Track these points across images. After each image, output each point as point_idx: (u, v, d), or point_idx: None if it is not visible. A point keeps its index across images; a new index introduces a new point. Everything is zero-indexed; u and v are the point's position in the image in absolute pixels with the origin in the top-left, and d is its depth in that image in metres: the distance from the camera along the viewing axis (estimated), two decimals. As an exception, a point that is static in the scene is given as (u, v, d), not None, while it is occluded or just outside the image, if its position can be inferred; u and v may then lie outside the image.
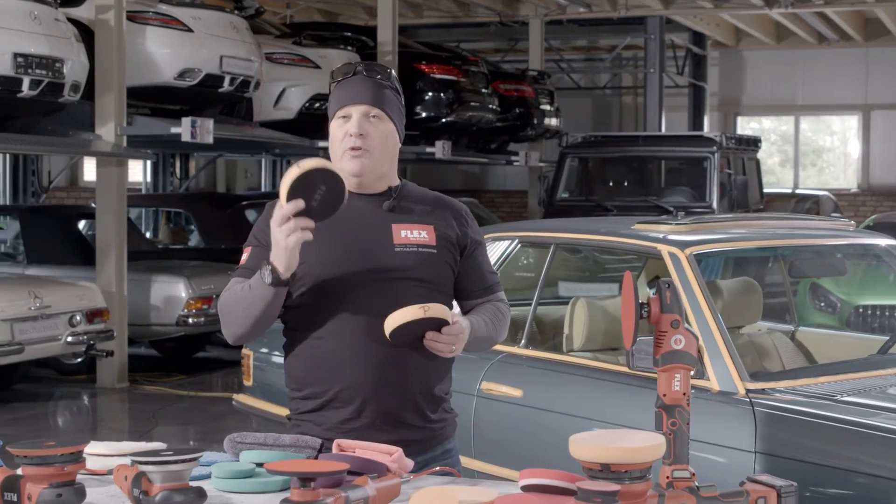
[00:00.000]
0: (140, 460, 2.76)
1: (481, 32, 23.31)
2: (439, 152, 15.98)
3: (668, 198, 14.21)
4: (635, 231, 5.20)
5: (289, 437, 3.24)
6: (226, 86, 12.05)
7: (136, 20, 11.50)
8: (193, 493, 2.74)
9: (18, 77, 9.71)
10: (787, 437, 4.24)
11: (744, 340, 5.68)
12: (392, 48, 15.78)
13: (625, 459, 2.62)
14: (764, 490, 2.80)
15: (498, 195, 25.65)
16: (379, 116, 3.33)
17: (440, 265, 3.38)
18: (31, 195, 14.72)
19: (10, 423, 9.86)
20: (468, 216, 3.50)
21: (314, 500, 2.62)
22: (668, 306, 2.87)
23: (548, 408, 5.04)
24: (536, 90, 19.14)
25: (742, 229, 5.44)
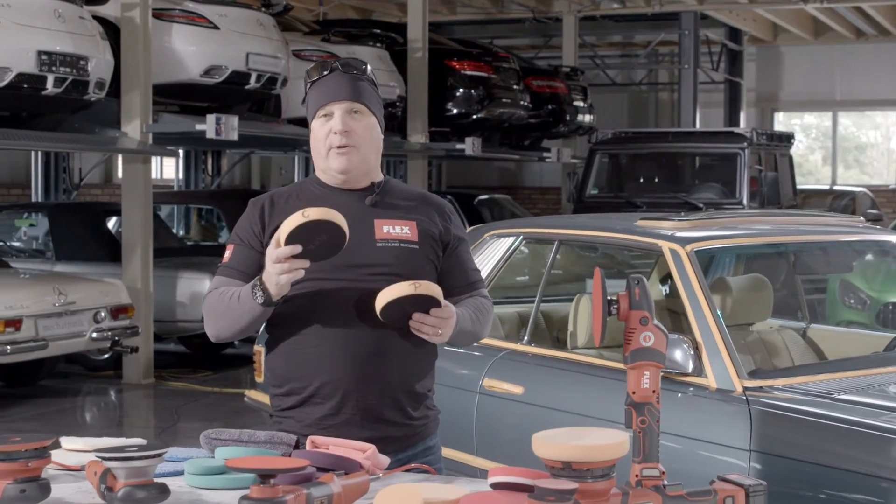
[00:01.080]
0: (104, 456, 2.76)
1: (516, 29, 23.28)
2: (469, 149, 15.95)
3: (697, 194, 14.12)
4: (637, 227, 5.16)
5: (264, 433, 3.23)
6: (252, 83, 12.07)
7: (162, 17, 11.54)
8: (156, 489, 2.73)
9: (43, 75, 9.76)
10: (781, 436, 4.20)
11: (753, 338, 5.64)
12: (422, 45, 15.77)
13: (586, 457, 2.60)
14: (732, 489, 2.76)
15: (534, 192, 25.60)
16: (361, 111, 3.35)
17: (422, 261, 3.38)
18: (63, 192, 14.81)
19: (35, 418, 9.92)
20: (451, 213, 3.51)
21: (273, 497, 2.62)
22: (637, 302, 2.84)
23: (548, 405, 5.02)
24: (569, 86, 19.08)
25: (746, 226, 5.39)
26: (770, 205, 14.16)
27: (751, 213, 6.23)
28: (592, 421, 4.79)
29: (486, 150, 17.44)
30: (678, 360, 4.53)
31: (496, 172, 25.80)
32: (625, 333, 2.87)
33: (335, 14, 20.17)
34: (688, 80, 20.62)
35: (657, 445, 2.87)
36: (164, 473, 3.15)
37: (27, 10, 9.72)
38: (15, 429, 9.13)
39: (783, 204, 14.76)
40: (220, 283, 3.41)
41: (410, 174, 16.47)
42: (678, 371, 4.55)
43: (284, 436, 3.23)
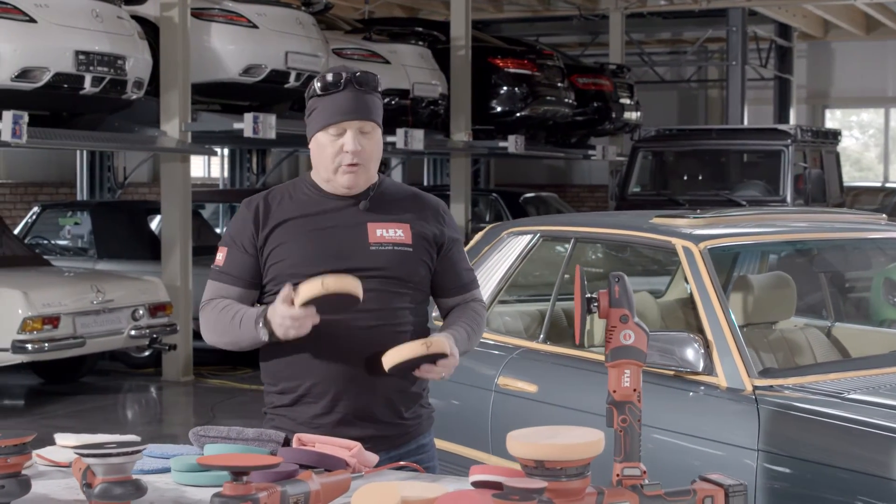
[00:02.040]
0: (82, 453, 2.77)
1: (563, 26, 23.22)
2: (512, 147, 15.92)
3: (741, 192, 14.01)
4: (652, 225, 5.13)
5: (252, 431, 3.24)
6: (292, 81, 12.11)
7: (201, 17, 11.61)
8: (133, 485, 2.74)
9: (80, 74, 9.84)
10: (789, 435, 4.15)
11: (776, 336, 5.57)
12: (465, 43, 15.76)
13: (558, 456, 2.58)
14: (712, 489, 2.74)
15: (583, 190, 25.52)
16: (372, 129, 3.35)
17: (415, 263, 3.39)
18: (108, 191, 14.93)
19: (74, 415, 10.01)
20: (445, 213, 3.52)
21: (245, 494, 2.62)
22: (617, 300, 2.82)
23: (561, 404, 4.99)
24: (615, 84, 18.98)
25: (763, 223, 5.33)
26: (815, 202, 14.02)
27: (769, 210, 6.16)
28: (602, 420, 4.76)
29: (531, 148, 17.40)
30: (689, 358, 4.49)
31: (545, 170, 25.74)
32: (605, 331, 2.84)
33: (382, 12, 20.20)
34: (735, 77, 20.47)
35: (639, 444, 2.85)
36: (153, 470, 3.17)
37: (65, 10, 9.81)
38: (53, 425, 9.21)
39: (829, 202, 14.62)
40: (215, 292, 3.45)
41: (453, 172, 16.47)
42: (689, 370, 4.51)
43: (273, 433, 3.23)
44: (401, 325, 3.35)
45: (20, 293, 9.57)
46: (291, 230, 3.37)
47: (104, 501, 2.72)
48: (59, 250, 13.01)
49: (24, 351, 9.51)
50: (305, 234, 3.36)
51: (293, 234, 3.36)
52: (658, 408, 4.65)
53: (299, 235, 3.36)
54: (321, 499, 2.81)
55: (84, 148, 12.79)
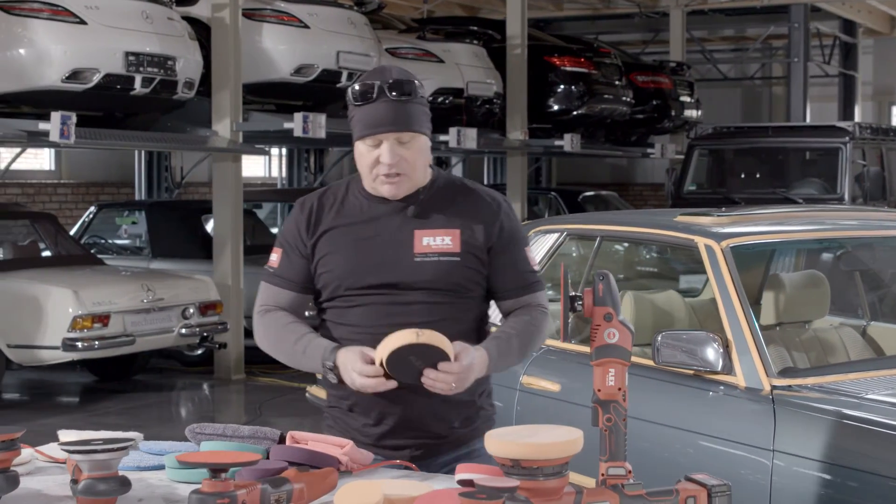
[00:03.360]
0: (69, 449, 2.80)
1: (625, 24, 23.13)
2: (568, 145, 15.88)
3: (798, 190, 13.87)
4: (676, 223, 5.09)
5: (248, 428, 3.25)
6: (343, 81, 12.15)
7: (253, 17, 11.69)
8: (117, 482, 2.76)
9: (130, 75, 9.94)
10: (804, 436, 4.10)
11: (809, 335, 5.51)
12: (521, 41, 15.74)
13: (534, 455, 2.57)
14: (694, 489, 2.71)
15: (645, 188, 25.39)
16: (411, 138, 3.21)
17: (463, 272, 3.26)
18: (165, 191, 15.08)
19: (124, 412, 10.12)
20: (502, 210, 3.33)
21: (223, 492, 2.63)
22: (601, 299, 2.80)
23: (584, 403, 4.94)
24: (675, 81, 18.86)
25: (787, 222, 5.28)
26: (873, 200, 13.84)
27: (798, 208, 6.09)
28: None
29: (588, 147, 17.35)
30: (708, 358, 4.45)
31: (607, 169, 25.63)
32: (590, 330, 2.83)
33: (442, 11, 20.22)
34: (798, 74, 20.28)
35: (624, 444, 2.82)
36: (148, 467, 3.19)
37: (115, 11, 9.92)
38: (104, 423, 9.32)
39: (890, 200, 14.43)
40: (270, 297, 3.40)
41: (509, 171, 16.46)
42: (708, 369, 4.47)
43: (269, 431, 3.24)
44: (449, 337, 3.16)
45: (71, 292, 9.69)
46: (337, 239, 3.29)
47: (88, 497, 2.75)
48: (115, 249, 13.16)
49: (75, 349, 9.62)
50: (350, 245, 3.29)
51: (339, 244, 3.30)
52: (677, 407, 4.62)
53: (344, 245, 3.29)
54: (305, 496, 2.82)
55: (133, 148, 12.93)
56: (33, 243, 11.43)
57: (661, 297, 5.38)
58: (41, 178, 17.01)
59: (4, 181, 15.90)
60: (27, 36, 9.59)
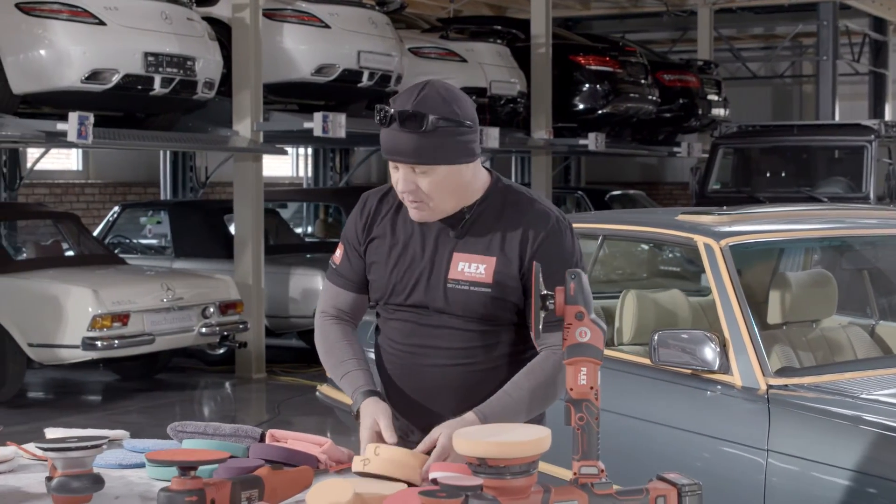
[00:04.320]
0: (43, 447, 2.83)
1: (653, 23, 23.07)
2: (592, 144, 15.85)
3: (822, 188, 13.78)
4: (676, 222, 5.07)
5: (229, 426, 3.27)
6: (365, 81, 12.17)
7: (273, 17, 11.73)
8: (90, 479, 2.79)
9: (150, 76, 9.98)
10: (797, 435, 4.09)
11: (815, 335, 5.49)
12: (545, 41, 15.73)
13: (500, 454, 2.57)
14: (664, 488, 2.70)
15: (675, 187, 25.31)
16: (427, 170, 3.08)
17: (495, 303, 3.16)
18: (190, 191, 15.14)
19: (145, 410, 10.18)
20: (549, 237, 3.17)
21: (192, 489, 2.64)
22: (572, 298, 2.79)
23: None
24: (702, 80, 18.80)
25: (790, 220, 5.25)
26: (899, 199, 13.75)
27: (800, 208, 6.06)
28: (621, 419, 4.73)
29: (614, 146, 17.32)
30: (705, 357, 4.44)
31: (636, 168, 25.57)
32: (563, 329, 2.82)
33: (469, 11, 20.23)
34: (826, 72, 20.16)
35: (596, 443, 2.81)
36: (129, 465, 3.21)
37: (134, 12, 9.96)
38: (125, 421, 9.39)
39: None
40: (330, 297, 3.38)
41: (534, 170, 16.45)
42: (705, 368, 4.46)
43: (249, 429, 3.26)
44: (475, 363, 3.18)
45: (90, 291, 9.75)
46: (383, 250, 3.26)
47: (62, 495, 2.77)
48: (140, 249, 13.23)
49: (94, 348, 9.68)
50: (393, 258, 3.24)
51: (383, 256, 3.26)
52: (673, 406, 4.61)
53: (387, 260, 3.25)
54: (278, 494, 2.83)
55: (152, 148, 12.99)
56: (56, 243, 11.51)
57: (665, 297, 5.37)
58: (69, 179, 17.12)
59: (32, 181, 16.02)
60: (47, 37, 9.66)
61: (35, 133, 9.44)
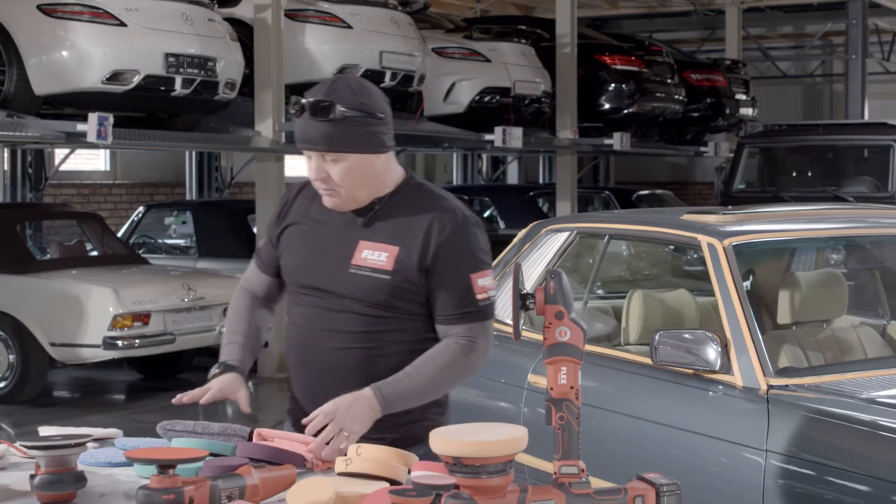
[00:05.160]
0: (25, 445, 2.85)
1: (682, 22, 22.98)
2: (617, 144, 15.81)
3: (848, 188, 13.70)
4: (681, 221, 5.06)
5: (217, 425, 3.29)
6: (387, 81, 12.17)
7: (295, 18, 11.76)
8: (72, 477, 2.80)
9: (170, 76, 10.02)
10: (796, 435, 4.07)
11: (825, 335, 5.46)
12: (570, 40, 15.69)
13: (475, 453, 2.57)
14: (643, 488, 2.70)
15: (705, 187, 25.22)
16: (337, 157, 3.20)
17: (394, 291, 3.25)
18: (215, 191, 15.20)
19: (166, 410, 10.19)
20: (453, 233, 3.25)
21: (171, 487, 2.65)
22: (552, 297, 2.79)
23: (589, 402, 4.93)
24: (730, 79, 18.72)
25: (795, 220, 5.23)
26: (925, 199, 13.64)
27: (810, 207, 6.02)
28: (625, 418, 4.72)
29: (640, 145, 17.26)
30: (706, 357, 4.43)
31: (666, 167, 25.51)
32: (543, 328, 2.82)
33: (497, 11, 20.21)
34: (855, 71, 20.05)
35: (577, 442, 2.81)
36: (119, 463, 3.23)
37: (155, 13, 10.00)
38: (146, 420, 9.42)
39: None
40: (248, 274, 3.63)
41: (559, 170, 16.43)
42: (707, 369, 4.44)
43: (238, 428, 3.27)
44: (375, 348, 3.27)
45: (111, 291, 9.80)
46: (295, 235, 3.39)
47: (45, 492, 2.79)
48: (165, 249, 13.29)
49: (115, 347, 9.73)
50: (301, 245, 3.37)
51: (294, 242, 3.39)
52: (674, 406, 4.60)
53: (297, 244, 3.38)
54: (260, 493, 2.84)
55: (172, 148, 13.04)
56: (79, 243, 11.58)
57: (671, 296, 5.35)
58: (96, 179, 17.22)
59: (60, 181, 16.13)
60: (68, 38, 9.70)
61: (55, 134, 9.50)
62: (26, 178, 12.45)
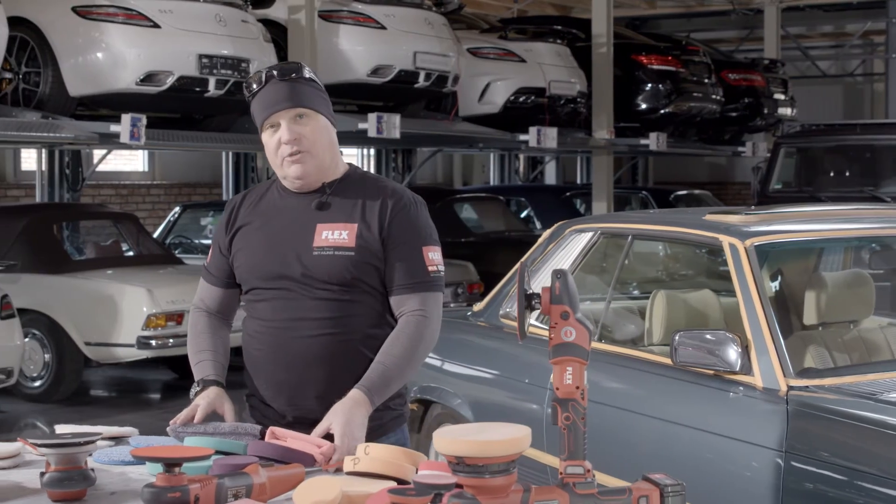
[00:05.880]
0: (35, 443, 2.88)
1: (721, 21, 22.90)
2: (653, 144, 15.77)
3: (886, 188, 13.59)
4: (703, 221, 5.04)
5: (228, 424, 3.31)
6: (421, 81, 12.20)
7: (329, 19, 11.79)
8: (80, 475, 2.83)
9: (204, 77, 10.07)
10: (814, 436, 4.05)
11: (852, 335, 5.42)
12: (606, 40, 15.65)
13: (478, 453, 2.57)
14: (647, 489, 2.69)
15: (744, 187, 25.08)
16: (307, 115, 3.30)
17: (358, 267, 3.31)
18: (251, 191, 15.24)
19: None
20: (404, 208, 3.36)
21: (177, 485, 2.67)
22: (557, 297, 2.79)
23: (610, 403, 4.94)
24: (768, 79, 18.63)
25: (819, 220, 5.19)
26: (964, 199, 13.52)
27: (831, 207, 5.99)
28: (643, 419, 4.72)
29: (677, 146, 17.21)
30: (726, 358, 4.41)
31: (705, 168, 25.42)
32: (549, 328, 2.82)
33: (535, 11, 20.20)
34: (895, 70, 19.86)
35: (583, 442, 2.81)
36: (130, 462, 3.25)
37: (188, 15, 10.07)
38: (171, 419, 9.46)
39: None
40: (201, 292, 3.59)
41: (595, 170, 16.39)
42: (727, 369, 4.43)
43: (249, 427, 3.29)
44: (347, 332, 3.31)
45: (145, 290, 9.87)
46: (249, 235, 3.42)
47: (55, 490, 2.81)
48: (201, 249, 13.35)
49: (149, 347, 9.80)
50: (258, 240, 3.40)
51: (249, 239, 3.42)
52: (694, 407, 4.59)
53: (253, 241, 3.41)
54: (268, 492, 2.85)
55: (206, 149, 13.11)
56: (115, 243, 11.66)
57: (695, 297, 5.33)
58: (135, 180, 17.34)
59: (98, 182, 16.24)
60: (103, 40, 9.78)
61: (89, 134, 9.58)
62: (63, 178, 12.54)
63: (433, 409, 6.09)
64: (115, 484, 3.04)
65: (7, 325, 9.12)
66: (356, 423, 3.19)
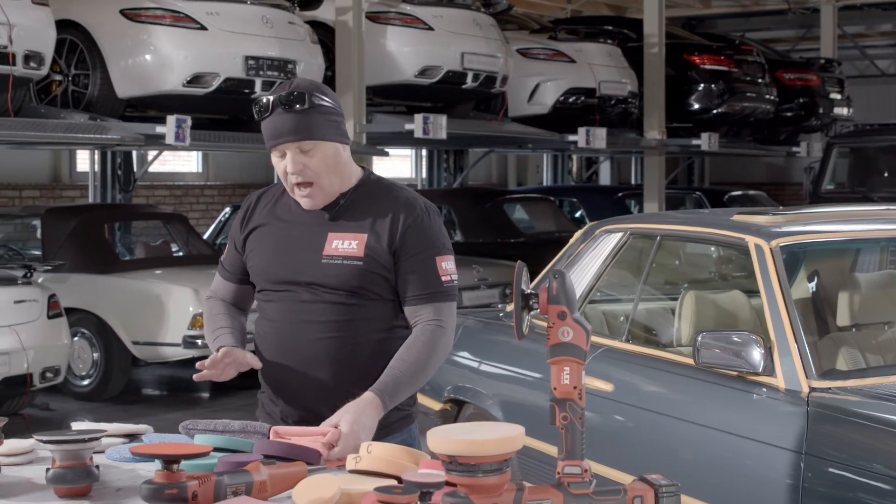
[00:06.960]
0: (41, 439, 2.92)
1: (777, 21, 22.72)
2: (705, 144, 15.68)
3: (938, 189, 13.47)
4: (730, 222, 5.02)
5: (238, 423, 3.33)
6: (469, 82, 12.22)
7: (376, 20, 11.84)
8: (84, 471, 2.87)
9: (250, 79, 10.15)
10: (834, 438, 4.02)
11: (886, 336, 5.38)
12: (658, 40, 15.59)
13: (471, 452, 2.58)
14: (642, 489, 2.69)
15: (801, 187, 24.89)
16: (312, 146, 3.30)
17: (366, 276, 3.35)
18: (295, 191, 15.31)
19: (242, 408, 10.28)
20: (417, 218, 3.38)
21: (175, 482, 2.70)
22: (555, 297, 2.79)
23: (634, 403, 4.94)
24: (824, 78, 18.46)
25: (848, 220, 5.15)
26: None
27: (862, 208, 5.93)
28: (669, 420, 4.70)
29: (732, 146, 17.09)
30: (749, 359, 4.39)
31: (762, 168, 25.21)
32: (546, 328, 2.82)
33: (589, 11, 20.14)
34: (954, 69, 19.64)
35: (581, 442, 2.81)
36: (140, 459, 3.29)
37: (235, 17, 10.15)
38: (222, 417, 9.52)
39: None
40: (215, 286, 3.68)
41: (646, 171, 16.33)
42: (750, 370, 4.40)
43: (258, 425, 3.32)
44: (352, 336, 3.35)
45: (191, 290, 9.95)
46: (262, 236, 3.47)
47: (60, 486, 2.86)
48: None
49: (195, 346, 9.87)
50: (271, 243, 3.45)
51: (262, 241, 3.47)
52: (717, 408, 4.57)
53: (266, 243, 3.46)
54: (268, 489, 2.87)
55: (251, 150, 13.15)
56: (164, 243, 11.76)
57: (725, 298, 5.31)
58: (189, 181, 17.48)
59: (153, 183, 16.39)
60: (150, 42, 9.88)
61: (135, 136, 9.68)
62: (116, 179, 12.67)
63: (466, 409, 6.11)
64: (123, 480, 3.08)
65: (54, 325, 9.23)
66: (365, 422, 3.22)
